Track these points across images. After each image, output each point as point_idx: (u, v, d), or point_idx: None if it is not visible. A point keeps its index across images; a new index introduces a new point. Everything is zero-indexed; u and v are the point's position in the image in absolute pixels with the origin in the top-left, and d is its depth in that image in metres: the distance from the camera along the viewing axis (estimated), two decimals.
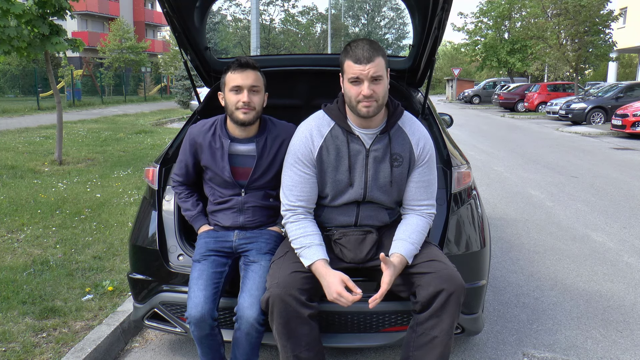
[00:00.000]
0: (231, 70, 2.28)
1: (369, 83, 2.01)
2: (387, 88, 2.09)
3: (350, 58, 2.02)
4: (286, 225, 2.20)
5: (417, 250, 2.12)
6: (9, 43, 6.96)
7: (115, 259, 3.82)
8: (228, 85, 2.29)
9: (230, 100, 2.29)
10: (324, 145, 2.17)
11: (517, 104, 27.04)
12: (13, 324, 2.80)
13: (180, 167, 2.48)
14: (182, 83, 20.56)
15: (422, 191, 2.21)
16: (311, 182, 2.18)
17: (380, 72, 2.02)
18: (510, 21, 32.55)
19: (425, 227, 2.20)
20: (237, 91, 2.27)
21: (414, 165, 2.20)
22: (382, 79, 2.04)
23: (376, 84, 2.02)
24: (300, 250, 2.10)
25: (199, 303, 2.13)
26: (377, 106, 2.06)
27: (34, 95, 24.09)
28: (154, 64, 41.30)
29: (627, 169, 8.76)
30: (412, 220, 2.19)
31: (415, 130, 2.22)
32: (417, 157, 2.19)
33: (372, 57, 1.99)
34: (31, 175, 7.02)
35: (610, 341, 2.90)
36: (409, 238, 2.12)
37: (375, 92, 2.03)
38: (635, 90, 18.01)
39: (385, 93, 2.07)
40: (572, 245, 4.59)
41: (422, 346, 2.02)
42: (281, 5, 42.30)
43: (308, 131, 2.20)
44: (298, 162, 2.18)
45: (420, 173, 2.20)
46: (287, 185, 2.21)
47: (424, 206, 2.22)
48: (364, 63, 1.99)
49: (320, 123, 2.21)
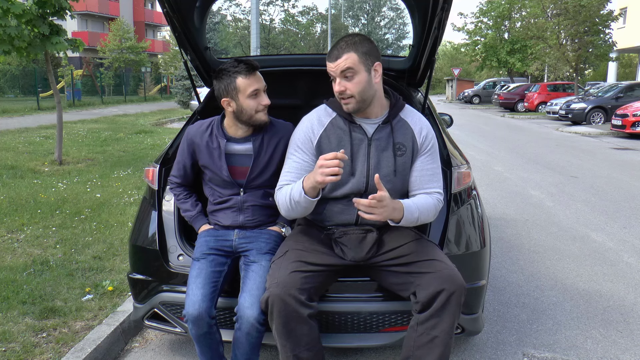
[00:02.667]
0: (243, 76, 2.24)
1: (339, 79, 2.04)
2: (367, 84, 2.06)
3: (327, 56, 2.08)
4: (277, 202, 2.18)
5: (417, 211, 2.07)
6: (9, 43, 6.96)
7: (115, 259, 3.82)
8: (245, 91, 2.25)
9: (249, 105, 2.26)
10: (325, 134, 2.17)
11: (517, 104, 27.03)
12: (13, 324, 2.80)
13: (178, 168, 2.48)
14: (182, 83, 20.55)
15: (426, 179, 2.18)
16: (308, 168, 2.17)
17: (350, 66, 2.01)
18: (510, 21, 32.54)
19: (430, 201, 2.14)
20: (256, 95, 2.27)
21: (417, 154, 2.19)
22: (355, 74, 2.03)
23: (348, 80, 2.04)
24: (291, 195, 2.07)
25: (196, 301, 2.13)
26: (355, 102, 2.07)
27: (34, 95, 24.08)
28: (154, 64, 41.31)
29: (627, 169, 8.76)
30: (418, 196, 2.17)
31: (417, 121, 2.23)
32: (420, 145, 2.19)
33: (340, 53, 2.02)
34: (31, 175, 7.02)
35: (610, 341, 2.90)
36: (410, 199, 2.12)
37: (348, 87, 2.04)
38: (635, 90, 18.00)
39: (362, 88, 2.05)
40: (572, 245, 4.58)
41: (422, 346, 2.01)
42: (281, 5, 42.24)
43: (309, 121, 2.22)
44: (297, 150, 2.19)
45: (423, 162, 2.19)
46: (284, 172, 2.22)
47: (431, 191, 2.18)
48: (332, 60, 2.04)
49: (322, 114, 2.23)
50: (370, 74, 2.07)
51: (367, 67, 2.05)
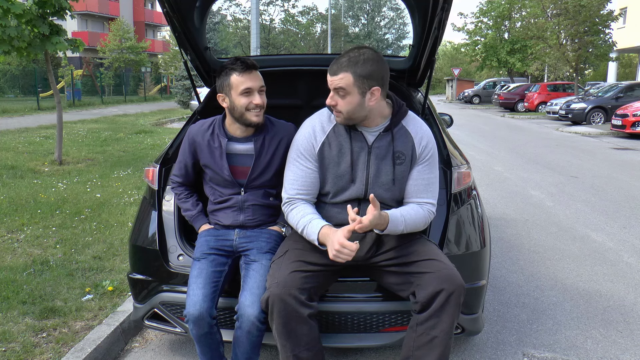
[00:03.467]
0: (237, 73, 2.25)
1: (333, 93, 2.08)
2: (358, 105, 2.05)
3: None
4: (287, 217, 2.21)
5: (403, 224, 2.09)
6: (9, 43, 6.96)
7: (115, 259, 3.82)
8: (237, 88, 2.26)
9: (239, 102, 2.27)
10: (326, 141, 2.18)
11: (517, 104, 27.03)
12: (13, 324, 2.80)
13: (179, 167, 2.48)
14: (182, 83, 20.56)
15: (421, 189, 2.19)
16: (313, 176, 2.19)
17: (344, 87, 2.03)
18: (510, 21, 32.55)
19: (420, 213, 2.16)
20: (248, 94, 2.27)
21: (415, 162, 2.19)
22: (347, 94, 2.04)
23: (340, 97, 2.06)
24: (304, 230, 2.11)
25: (197, 301, 2.13)
26: (343, 118, 2.11)
27: (34, 95, 24.08)
28: (154, 64, 41.29)
29: (627, 169, 8.76)
30: (408, 205, 2.19)
31: (418, 129, 2.22)
32: (419, 154, 2.19)
33: (338, 71, 2.04)
34: (31, 175, 7.03)
35: (610, 341, 2.90)
36: (399, 210, 2.13)
37: (338, 104, 2.07)
38: (635, 90, 18.00)
39: (351, 109, 2.06)
40: (572, 245, 4.59)
41: (422, 346, 2.02)
42: (281, 5, 42.26)
43: (311, 127, 2.22)
44: (300, 157, 2.19)
45: (420, 171, 2.19)
46: (288, 179, 2.22)
47: (422, 202, 2.19)
48: (330, 74, 2.07)
49: (324, 120, 2.23)
50: (365, 97, 2.05)
51: (361, 90, 2.04)
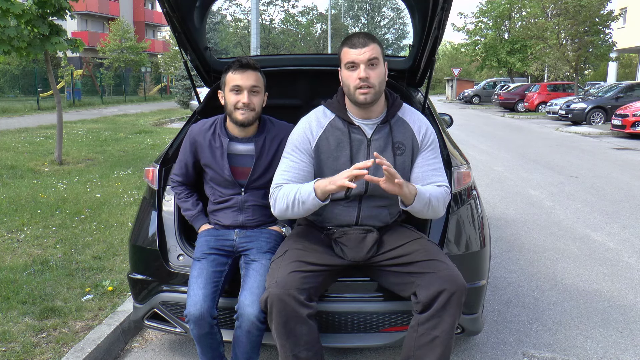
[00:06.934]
0: (232, 71, 2.30)
1: (364, 67, 2.05)
2: (384, 77, 2.12)
3: (346, 45, 2.10)
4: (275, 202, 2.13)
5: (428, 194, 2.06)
6: (9, 43, 6.96)
7: (115, 259, 3.82)
8: (228, 85, 2.30)
9: (229, 100, 2.30)
10: (324, 135, 2.17)
11: (517, 104, 27.02)
12: (13, 324, 2.80)
13: (180, 166, 2.49)
14: (182, 83, 20.56)
15: (430, 173, 2.18)
16: (305, 170, 2.16)
17: (377, 56, 2.06)
18: (510, 21, 32.55)
19: (439, 189, 2.13)
20: (237, 91, 2.28)
21: (418, 151, 2.19)
22: (379, 64, 2.08)
23: (372, 69, 2.06)
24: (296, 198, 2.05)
25: (198, 301, 2.13)
26: (374, 93, 2.08)
27: (34, 95, 24.06)
28: (154, 64, 41.28)
29: (627, 169, 8.76)
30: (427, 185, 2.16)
31: (415, 119, 2.23)
32: (420, 142, 2.19)
33: (367, 42, 2.06)
34: (31, 175, 7.02)
35: (610, 341, 2.90)
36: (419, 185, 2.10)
37: (371, 76, 2.06)
38: (635, 90, 18.00)
39: (381, 80, 2.10)
40: (572, 245, 4.58)
41: (423, 346, 2.01)
42: (281, 5, 42.25)
43: (307, 122, 2.22)
44: (294, 150, 2.18)
45: (425, 157, 2.19)
46: (279, 171, 2.19)
47: (437, 183, 2.17)
48: (359, 47, 2.06)
49: (321, 115, 2.22)
50: (385, 70, 2.13)
51: (384, 62, 2.12)
